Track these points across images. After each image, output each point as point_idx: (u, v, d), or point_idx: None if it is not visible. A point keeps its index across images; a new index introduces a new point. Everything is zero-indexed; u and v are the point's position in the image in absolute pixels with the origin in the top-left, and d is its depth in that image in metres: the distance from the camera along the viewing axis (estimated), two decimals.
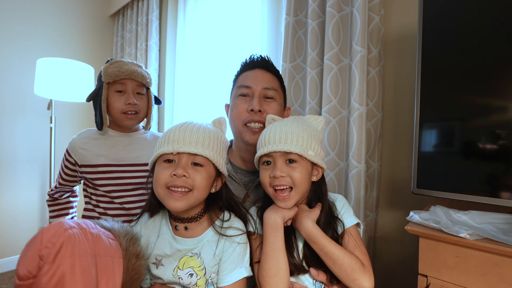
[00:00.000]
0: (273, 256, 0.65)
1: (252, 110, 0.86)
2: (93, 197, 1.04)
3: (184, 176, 0.63)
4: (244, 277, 0.67)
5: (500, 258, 0.60)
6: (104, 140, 1.04)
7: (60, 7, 2.48)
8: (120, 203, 1.02)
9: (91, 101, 1.06)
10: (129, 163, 1.03)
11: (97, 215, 1.02)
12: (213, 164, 0.68)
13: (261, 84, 0.88)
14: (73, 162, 1.02)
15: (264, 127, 0.86)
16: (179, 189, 0.63)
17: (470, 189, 0.73)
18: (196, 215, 0.70)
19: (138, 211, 0.99)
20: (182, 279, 0.66)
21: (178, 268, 0.67)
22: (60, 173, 1.08)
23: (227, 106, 0.98)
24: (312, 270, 0.69)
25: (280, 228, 0.67)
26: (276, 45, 1.54)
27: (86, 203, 1.06)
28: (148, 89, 1.07)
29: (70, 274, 0.51)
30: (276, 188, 0.67)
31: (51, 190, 1.13)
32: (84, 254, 0.54)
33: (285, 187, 0.67)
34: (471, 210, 0.72)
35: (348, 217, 0.73)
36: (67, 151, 1.04)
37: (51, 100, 2.05)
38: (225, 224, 0.71)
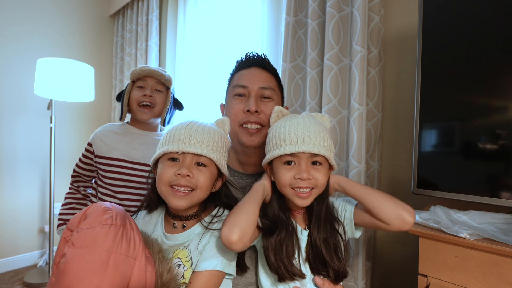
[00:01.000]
0: (243, 202, 0.65)
1: (248, 110, 0.83)
2: (99, 189, 1.09)
3: (188, 176, 0.64)
4: (218, 271, 0.63)
5: (500, 258, 0.60)
6: (123, 136, 1.11)
7: (60, 7, 2.48)
8: (121, 199, 1.06)
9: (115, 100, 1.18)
10: (139, 162, 1.08)
11: None
12: (216, 164, 0.69)
13: (258, 84, 0.85)
14: (92, 151, 1.09)
15: (261, 127, 0.84)
16: (182, 189, 0.64)
17: (470, 189, 0.73)
18: (194, 213, 0.71)
19: (134, 209, 1.00)
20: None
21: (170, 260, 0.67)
22: (77, 163, 1.15)
23: (222, 106, 0.96)
24: (317, 279, 0.67)
25: (256, 189, 0.69)
26: (276, 45, 1.54)
27: (92, 195, 1.13)
28: (168, 89, 1.15)
29: (103, 266, 0.51)
30: (298, 189, 0.66)
31: (70, 185, 1.18)
32: (121, 252, 0.54)
33: (308, 189, 0.65)
34: (471, 210, 0.72)
35: (349, 203, 0.73)
36: (88, 143, 1.12)
37: (51, 100, 2.05)
38: (216, 219, 0.70)
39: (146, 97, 1.08)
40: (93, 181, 1.20)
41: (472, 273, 0.64)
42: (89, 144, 1.11)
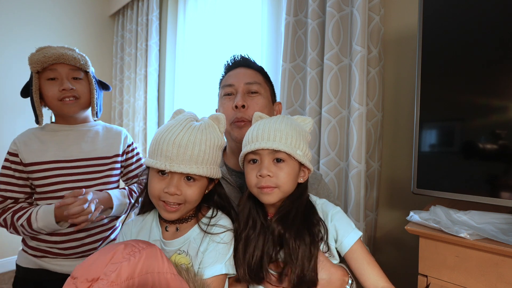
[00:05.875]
0: None
1: (236, 106, 0.84)
2: (39, 203, 0.92)
3: (176, 194, 0.63)
4: (223, 274, 0.65)
5: (500, 258, 0.60)
6: (51, 136, 0.94)
7: (60, 7, 2.48)
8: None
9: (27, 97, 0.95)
10: (81, 158, 0.95)
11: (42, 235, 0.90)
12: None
13: (243, 80, 0.87)
14: (18, 161, 0.90)
15: (249, 122, 0.83)
16: (172, 204, 0.64)
17: (470, 189, 0.73)
18: (187, 217, 0.71)
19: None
20: None
21: None
22: (2, 187, 0.90)
23: (216, 111, 0.97)
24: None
25: None
26: (276, 45, 1.54)
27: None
28: (86, 72, 0.96)
29: None
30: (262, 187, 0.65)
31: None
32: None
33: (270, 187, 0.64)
34: (471, 210, 0.72)
35: (350, 232, 0.66)
36: (8, 153, 0.91)
37: None
38: (212, 221, 0.70)
39: (66, 92, 0.89)
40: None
41: (472, 273, 0.63)
42: (12, 154, 0.90)
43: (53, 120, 1.01)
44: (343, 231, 0.66)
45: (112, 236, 1.04)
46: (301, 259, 0.60)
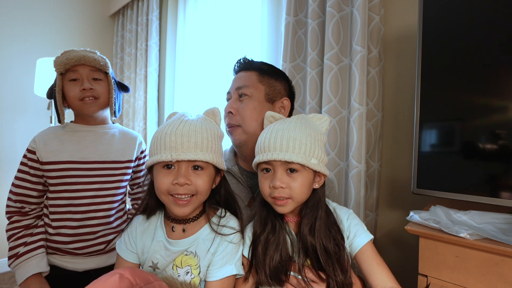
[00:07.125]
0: None
1: (228, 113, 0.87)
2: (50, 202, 0.94)
3: (187, 184, 0.62)
4: (233, 275, 0.66)
5: (500, 258, 0.60)
6: (70, 135, 0.97)
7: (60, 7, 2.48)
8: (82, 205, 0.94)
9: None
10: (95, 160, 0.96)
11: (49, 234, 0.94)
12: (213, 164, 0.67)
13: (235, 86, 0.88)
14: (36, 159, 0.93)
15: (236, 127, 0.85)
16: (183, 197, 0.63)
17: (470, 189, 0.73)
18: (195, 216, 0.70)
19: (103, 214, 0.96)
20: (180, 276, 0.66)
21: (176, 266, 0.67)
22: (18, 184, 0.94)
23: None
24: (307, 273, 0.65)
25: None
26: (276, 45, 1.54)
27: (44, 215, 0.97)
28: (106, 73, 0.99)
29: None
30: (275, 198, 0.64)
31: (9, 209, 0.95)
32: None
33: (283, 198, 0.63)
34: (471, 210, 0.72)
35: (362, 233, 0.68)
36: (27, 150, 0.94)
37: (51, 100, 2.05)
38: (222, 221, 0.70)
39: (86, 92, 0.93)
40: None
41: (472, 273, 0.63)
42: (31, 151, 0.93)
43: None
44: (355, 231, 0.68)
45: None
46: (338, 268, 0.63)
